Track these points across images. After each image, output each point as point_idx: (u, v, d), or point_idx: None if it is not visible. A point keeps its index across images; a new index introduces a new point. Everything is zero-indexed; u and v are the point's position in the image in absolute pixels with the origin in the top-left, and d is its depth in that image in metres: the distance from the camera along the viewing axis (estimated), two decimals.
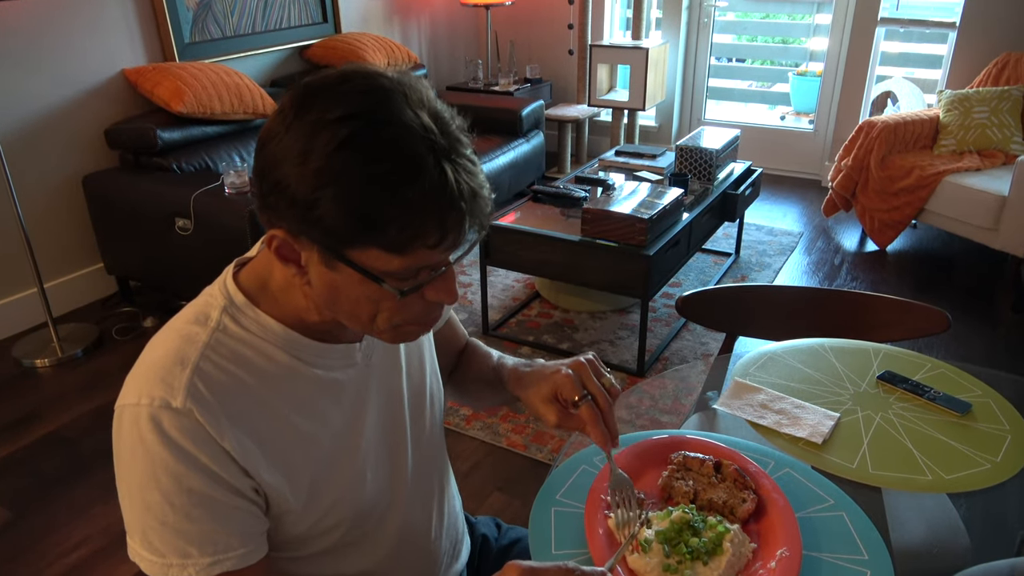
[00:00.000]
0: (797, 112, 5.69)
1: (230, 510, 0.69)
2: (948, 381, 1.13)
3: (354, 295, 0.68)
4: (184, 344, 0.70)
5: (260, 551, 0.72)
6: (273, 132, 0.64)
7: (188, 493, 0.67)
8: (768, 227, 3.89)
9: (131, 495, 0.69)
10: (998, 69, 3.58)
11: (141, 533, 0.68)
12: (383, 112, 0.62)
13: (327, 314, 0.73)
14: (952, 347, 2.77)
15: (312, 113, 0.62)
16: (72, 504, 2.03)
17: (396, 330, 0.72)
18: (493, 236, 2.72)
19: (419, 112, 0.64)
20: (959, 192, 3.19)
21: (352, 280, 0.67)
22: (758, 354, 1.23)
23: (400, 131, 0.62)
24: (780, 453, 0.98)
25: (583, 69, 4.45)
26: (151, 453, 0.66)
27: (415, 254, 0.64)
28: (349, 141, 0.61)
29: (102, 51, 2.95)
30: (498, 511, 1.96)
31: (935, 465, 0.96)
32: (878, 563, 0.80)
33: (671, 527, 0.80)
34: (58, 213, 2.94)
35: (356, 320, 0.71)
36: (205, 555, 0.68)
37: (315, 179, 0.61)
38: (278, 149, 0.63)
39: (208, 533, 0.68)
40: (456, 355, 1.08)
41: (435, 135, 0.63)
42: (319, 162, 0.61)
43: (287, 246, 0.67)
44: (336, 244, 0.64)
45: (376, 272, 0.65)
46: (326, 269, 0.67)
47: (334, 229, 0.63)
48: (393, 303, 0.69)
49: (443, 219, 0.63)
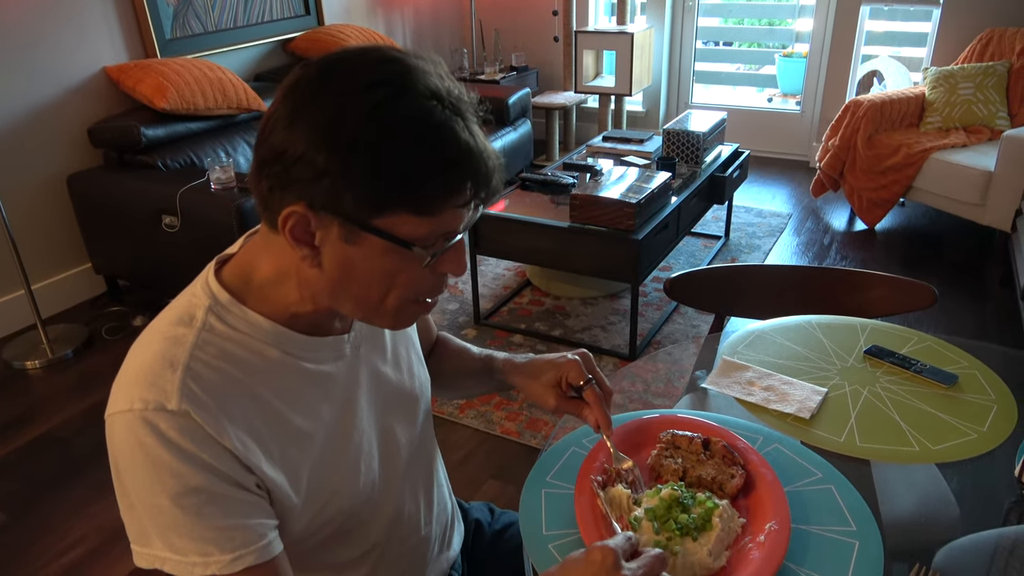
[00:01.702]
0: (784, 94, 5.68)
1: (241, 504, 0.68)
2: (934, 354, 1.14)
3: (370, 272, 0.68)
4: (171, 346, 0.69)
5: (278, 544, 0.71)
6: (290, 108, 0.64)
7: (196, 493, 0.66)
8: (757, 209, 3.89)
9: (139, 502, 0.67)
10: (982, 45, 3.58)
11: (161, 535, 0.66)
12: (410, 78, 0.64)
13: (326, 302, 0.73)
14: (942, 322, 2.79)
15: (336, 83, 0.64)
16: (66, 505, 2.03)
17: (402, 309, 0.73)
18: (483, 225, 2.71)
19: (442, 78, 0.67)
20: (946, 169, 3.20)
21: (373, 253, 0.67)
22: (746, 332, 1.23)
23: (427, 96, 0.64)
24: (768, 429, 0.98)
25: (569, 56, 4.43)
26: (151, 457, 0.65)
27: (443, 215, 0.66)
28: (382, 105, 0.62)
29: (82, 49, 2.92)
30: (493, 498, 1.96)
31: (922, 436, 0.96)
32: (866, 534, 0.80)
33: (660, 504, 0.80)
34: (43, 214, 2.92)
35: (363, 303, 0.71)
36: (226, 552, 0.66)
37: (348, 147, 0.62)
38: (300, 123, 0.63)
39: (224, 529, 0.67)
40: (428, 348, 1.09)
41: (458, 101, 0.67)
42: (351, 129, 0.62)
43: (303, 225, 0.66)
44: (365, 213, 0.64)
45: (405, 238, 0.66)
46: (345, 245, 0.66)
47: (367, 195, 0.63)
48: (410, 276, 0.69)
49: (475, 176, 0.66)
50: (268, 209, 0.67)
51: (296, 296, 0.73)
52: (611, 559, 0.62)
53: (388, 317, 0.73)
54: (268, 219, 0.69)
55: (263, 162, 0.66)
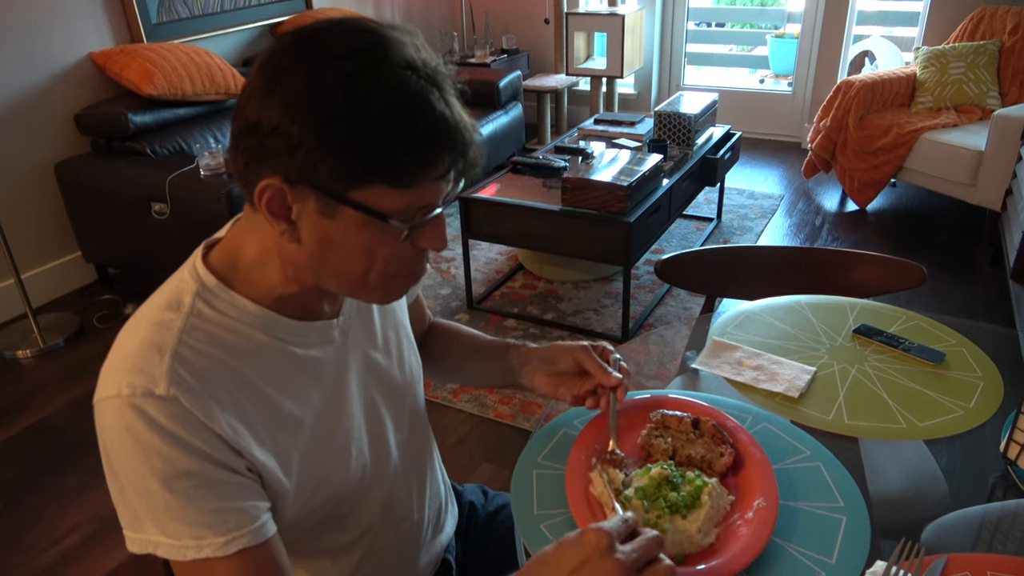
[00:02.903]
0: (776, 75, 5.67)
1: (233, 487, 0.68)
2: (923, 332, 1.15)
3: (349, 247, 0.67)
4: (158, 331, 0.68)
5: (272, 526, 0.71)
6: (265, 80, 0.63)
7: (187, 476, 0.65)
8: (749, 191, 3.89)
9: (130, 487, 0.67)
10: (974, 24, 3.58)
11: (153, 520, 0.66)
12: (386, 49, 0.64)
13: (310, 280, 0.72)
14: (932, 302, 2.81)
15: (311, 54, 0.63)
16: (61, 492, 2.03)
17: (387, 284, 0.72)
18: (474, 209, 2.71)
19: (418, 49, 0.66)
20: (937, 149, 3.20)
21: (351, 227, 0.66)
22: (736, 313, 1.23)
23: (403, 66, 0.64)
24: (758, 408, 0.99)
25: (560, 38, 4.41)
26: (141, 442, 0.65)
27: (420, 188, 0.66)
28: (357, 75, 0.62)
29: (67, 34, 2.89)
30: (487, 481, 1.98)
31: (909, 413, 0.97)
32: (853, 509, 0.81)
33: (650, 483, 0.81)
34: (31, 202, 2.90)
35: (345, 278, 0.71)
36: (219, 535, 0.66)
37: (323, 117, 0.61)
38: (275, 94, 0.62)
39: (217, 512, 0.66)
40: (421, 334, 1.09)
41: (434, 71, 0.66)
42: (325, 99, 0.61)
43: (279, 199, 0.65)
44: (341, 185, 0.64)
45: (381, 211, 0.65)
46: (322, 219, 0.66)
47: (342, 167, 0.63)
48: (390, 250, 0.68)
49: (451, 148, 0.65)
50: (246, 185, 0.67)
51: (280, 276, 0.73)
52: (605, 541, 0.61)
53: (374, 292, 0.73)
54: (248, 195, 0.68)
55: (239, 136, 0.66)
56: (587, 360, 0.90)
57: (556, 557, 0.63)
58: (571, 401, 0.92)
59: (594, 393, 0.91)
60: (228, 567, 0.67)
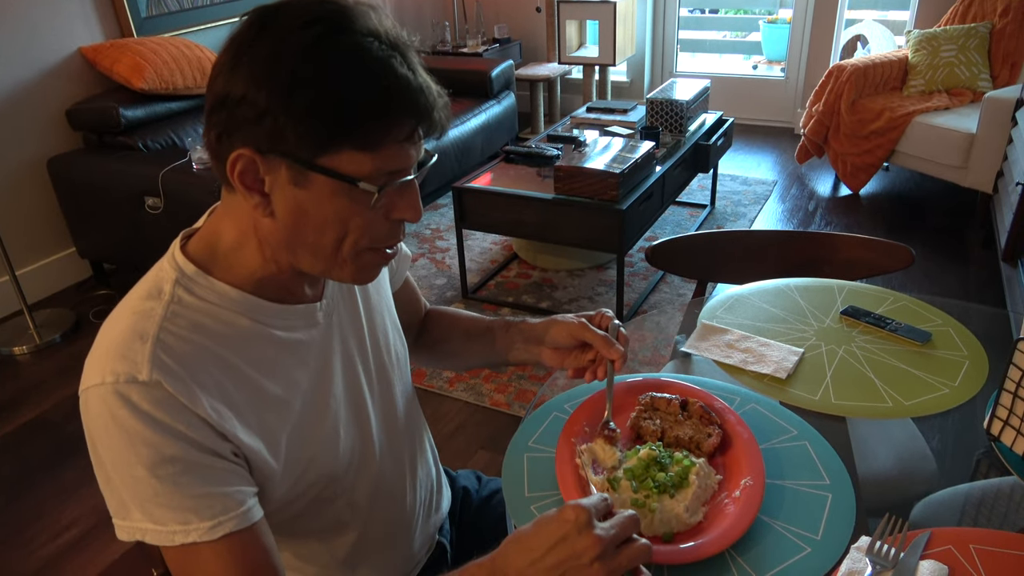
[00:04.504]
0: (769, 60, 5.67)
1: (218, 472, 0.69)
2: (910, 313, 1.16)
3: (322, 216, 0.68)
4: (140, 319, 0.69)
5: (258, 510, 0.72)
6: (232, 54, 0.65)
7: (172, 462, 0.66)
8: (742, 177, 3.90)
9: (116, 474, 0.67)
10: (965, 6, 3.58)
11: (140, 507, 0.67)
12: (347, 17, 0.66)
13: (286, 257, 0.73)
14: (924, 284, 2.82)
15: (276, 26, 0.65)
16: (60, 487, 2.04)
17: (360, 259, 0.73)
18: (468, 199, 2.71)
19: (380, 19, 0.69)
20: (928, 132, 3.21)
21: (323, 195, 0.67)
22: (725, 297, 1.24)
23: (365, 33, 0.66)
24: (746, 390, 1.00)
25: (552, 27, 4.39)
26: (125, 429, 0.66)
27: (387, 151, 0.67)
28: (318, 42, 0.64)
29: (57, 29, 2.87)
30: (482, 468, 1.97)
31: (895, 392, 0.99)
32: (839, 486, 0.83)
33: (638, 464, 0.82)
34: (24, 198, 2.89)
35: (320, 251, 0.71)
36: (204, 520, 0.67)
37: (288, 83, 0.63)
38: (242, 66, 0.64)
39: (202, 497, 0.67)
40: (418, 322, 1.10)
41: (396, 38, 0.68)
42: (290, 66, 0.63)
43: (251, 171, 0.67)
44: (309, 152, 0.65)
45: (350, 175, 0.67)
46: (294, 189, 0.67)
47: (308, 133, 0.64)
48: (362, 219, 0.70)
49: (414, 109, 0.67)
50: (219, 160, 0.68)
51: (259, 258, 0.74)
52: (584, 517, 0.62)
53: (347, 268, 0.73)
54: (221, 172, 0.69)
55: (210, 111, 0.67)
56: (586, 334, 0.91)
57: (535, 532, 0.64)
58: (571, 375, 0.93)
59: (593, 362, 0.92)
60: (215, 551, 0.68)
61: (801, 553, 0.75)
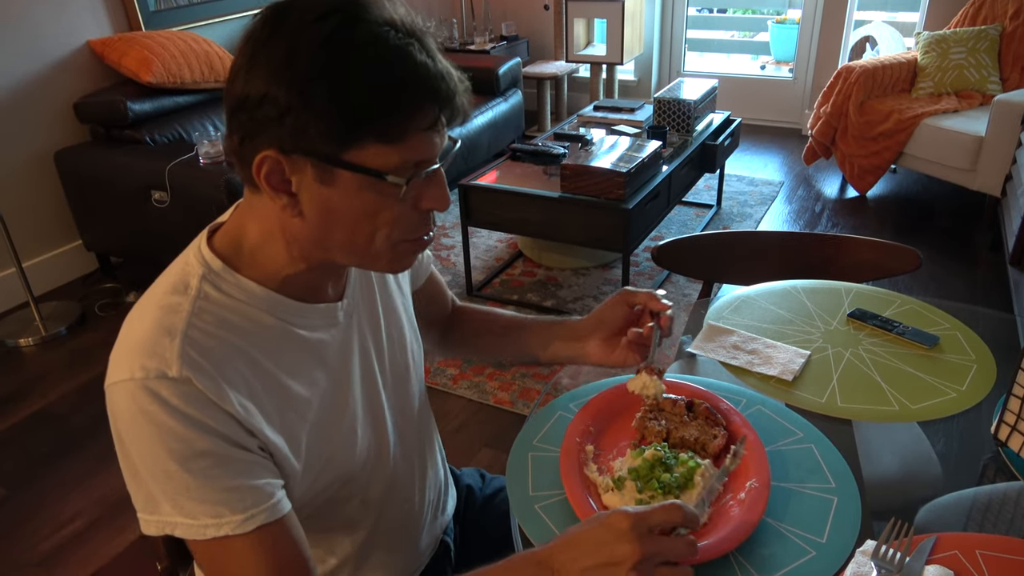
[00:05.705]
0: (778, 61, 5.65)
1: (248, 465, 0.69)
2: (917, 316, 1.15)
3: (351, 212, 0.68)
4: (167, 315, 0.69)
5: (287, 502, 0.72)
6: (248, 55, 0.65)
7: (204, 456, 0.66)
8: (749, 177, 3.89)
9: (145, 469, 0.67)
10: (975, 8, 3.56)
11: (170, 500, 0.67)
12: (361, 8, 0.65)
13: (317, 254, 0.73)
14: (931, 287, 2.81)
15: (289, 21, 0.64)
16: (65, 478, 2.05)
17: (394, 251, 0.73)
18: (473, 196, 2.71)
19: (394, 6, 0.67)
20: (937, 134, 3.20)
21: (350, 192, 0.67)
22: (732, 298, 1.24)
23: (380, 22, 0.65)
24: (752, 391, 1.00)
25: (559, 24, 4.38)
26: (156, 424, 0.65)
27: (411, 141, 0.66)
28: (334, 34, 0.63)
29: (65, 23, 2.88)
30: (486, 466, 1.98)
31: (902, 396, 0.98)
32: (845, 490, 0.82)
33: (644, 464, 0.82)
34: (31, 191, 2.90)
35: (353, 247, 0.71)
36: (237, 512, 0.67)
37: (306, 78, 0.62)
38: (258, 65, 0.64)
39: (234, 490, 0.67)
40: (445, 318, 1.09)
41: (412, 26, 0.67)
42: (308, 59, 0.62)
43: (277, 172, 0.66)
44: (333, 148, 0.65)
45: (377, 168, 0.66)
46: (321, 187, 0.67)
47: (330, 128, 0.63)
48: (392, 212, 0.69)
49: (436, 96, 0.66)
50: (245, 163, 0.68)
51: (286, 256, 0.73)
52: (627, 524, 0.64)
53: (383, 260, 0.73)
54: (246, 177, 0.69)
55: (231, 115, 0.67)
56: (633, 295, 0.92)
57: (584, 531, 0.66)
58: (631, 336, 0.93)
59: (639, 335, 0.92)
60: (247, 544, 0.68)
61: (806, 556, 0.75)
